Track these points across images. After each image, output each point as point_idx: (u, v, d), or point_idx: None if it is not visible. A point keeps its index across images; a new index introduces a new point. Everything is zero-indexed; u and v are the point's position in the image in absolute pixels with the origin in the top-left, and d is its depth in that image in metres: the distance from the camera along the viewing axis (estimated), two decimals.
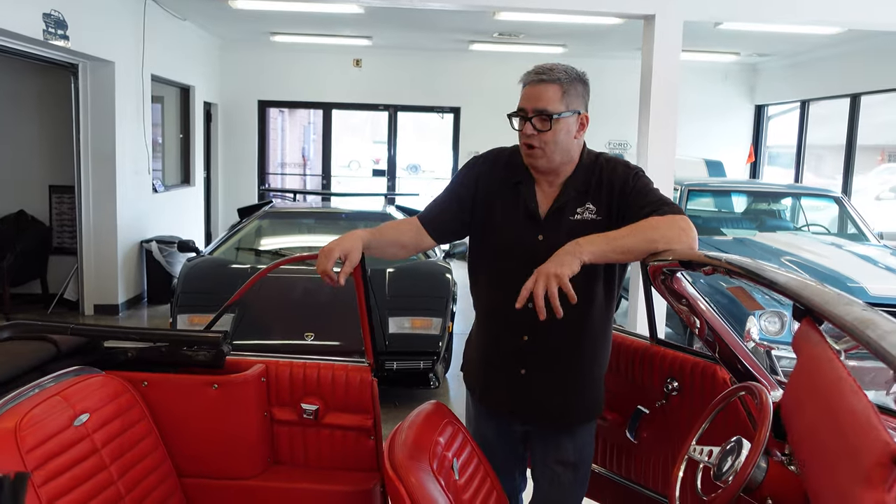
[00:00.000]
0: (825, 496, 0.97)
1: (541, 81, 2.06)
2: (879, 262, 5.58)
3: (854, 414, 0.92)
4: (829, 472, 0.95)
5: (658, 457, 2.59)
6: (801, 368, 1.30)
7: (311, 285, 5.13)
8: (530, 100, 2.07)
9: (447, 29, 9.23)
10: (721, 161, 8.99)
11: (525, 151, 2.11)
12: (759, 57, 10.79)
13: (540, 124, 2.05)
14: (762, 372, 2.14)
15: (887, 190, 13.60)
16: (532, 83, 2.07)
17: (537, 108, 2.05)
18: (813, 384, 1.17)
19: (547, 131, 2.05)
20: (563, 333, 2.15)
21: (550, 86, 2.05)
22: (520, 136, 2.11)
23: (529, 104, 2.07)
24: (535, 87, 2.06)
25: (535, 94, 2.05)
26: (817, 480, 1.05)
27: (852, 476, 0.83)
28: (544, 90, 2.05)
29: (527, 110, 2.07)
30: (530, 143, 2.08)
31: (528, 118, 2.06)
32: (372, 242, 2.13)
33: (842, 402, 0.97)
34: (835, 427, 0.98)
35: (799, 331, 1.37)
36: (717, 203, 7.42)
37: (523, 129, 2.08)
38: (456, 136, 11.49)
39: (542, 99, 2.04)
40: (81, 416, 1.90)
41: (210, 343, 2.21)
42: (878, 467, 0.80)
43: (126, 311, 7.52)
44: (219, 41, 10.72)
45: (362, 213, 7.10)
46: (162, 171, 8.82)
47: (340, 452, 2.32)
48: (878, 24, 5.43)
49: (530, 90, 2.08)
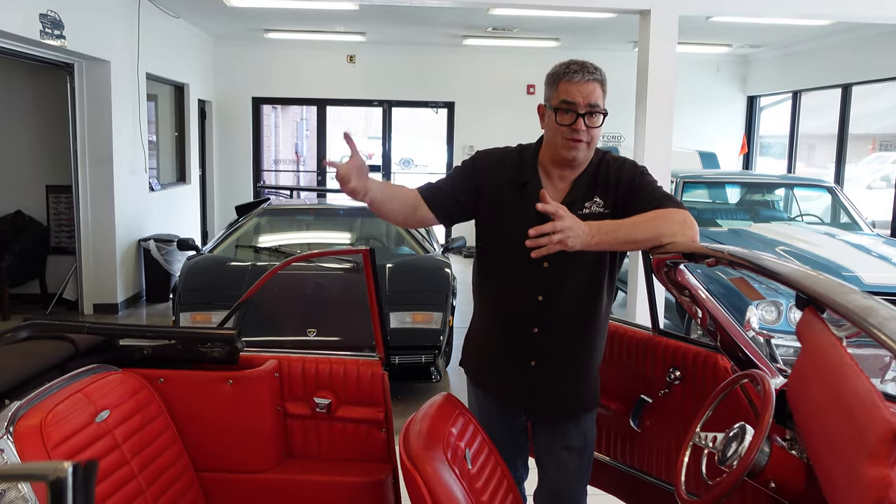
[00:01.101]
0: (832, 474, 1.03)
1: (593, 79, 2.10)
2: (873, 250, 5.66)
3: (858, 396, 0.97)
4: (836, 451, 1.01)
5: (661, 445, 2.65)
6: (806, 355, 1.36)
7: (314, 282, 5.18)
8: (584, 95, 2.09)
9: (441, 24, 9.26)
10: (715, 153, 9.05)
11: (569, 144, 2.13)
12: (751, 48, 10.85)
13: (591, 120, 2.10)
14: (763, 360, 2.20)
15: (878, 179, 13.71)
16: (583, 80, 2.10)
17: (591, 103, 2.10)
18: (818, 369, 1.23)
19: (597, 127, 2.12)
20: (573, 324, 2.22)
21: (598, 85, 2.11)
22: (564, 130, 2.12)
23: (583, 99, 2.09)
24: (587, 84, 2.10)
25: (588, 91, 2.09)
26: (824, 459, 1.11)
27: (857, 453, 0.89)
28: (595, 88, 2.10)
29: (578, 105, 2.10)
30: (578, 138, 2.11)
31: (581, 114, 2.10)
32: (377, 188, 2.13)
33: (846, 384, 1.03)
34: (840, 409, 1.03)
35: (802, 319, 1.43)
36: (711, 195, 7.49)
37: (574, 125, 2.10)
38: (450, 131, 11.53)
39: (594, 95, 2.10)
40: (102, 413, 1.95)
41: (224, 340, 2.25)
42: (881, 444, 0.86)
43: (125, 309, 7.55)
44: (212, 39, 10.73)
45: (360, 209, 7.14)
46: (157, 169, 8.83)
47: (353, 445, 2.38)
48: (865, 16, 5.51)
49: (581, 87, 2.10)
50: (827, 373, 1.16)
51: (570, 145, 2.13)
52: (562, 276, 2.19)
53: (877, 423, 0.88)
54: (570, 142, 2.12)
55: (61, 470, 0.74)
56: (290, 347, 2.52)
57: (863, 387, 0.98)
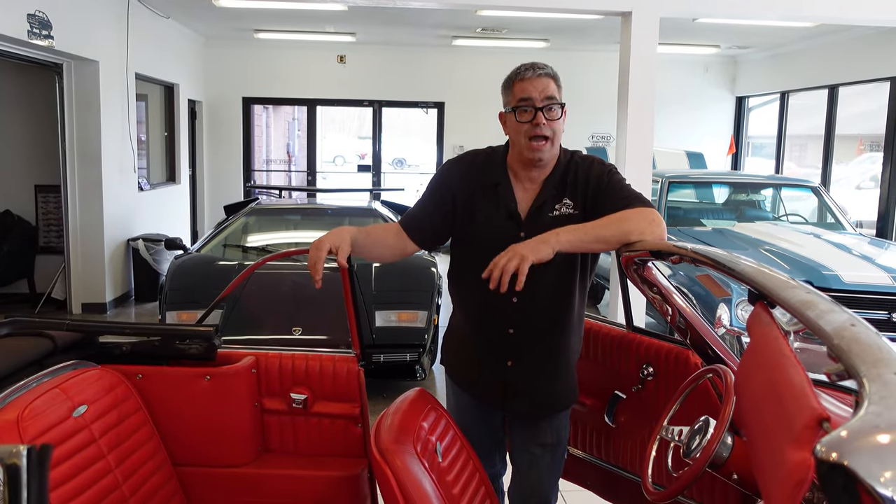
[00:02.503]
0: (762, 459, 1.07)
1: (545, 74, 2.15)
2: (854, 250, 5.72)
3: (791, 385, 1.01)
4: (768, 438, 1.05)
5: (635, 439, 2.69)
6: (751, 347, 1.40)
7: (299, 280, 5.21)
8: (538, 90, 2.13)
9: (430, 24, 9.30)
10: (702, 153, 9.11)
11: (532, 145, 2.16)
12: (739, 49, 10.92)
13: (549, 114, 2.14)
14: (730, 355, 2.25)
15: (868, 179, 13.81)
16: (536, 76, 2.14)
17: (547, 96, 2.13)
18: (759, 361, 1.27)
19: (557, 119, 2.15)
20: (547, 325, 2.26)
21: (549, 79, 2.15)
22: (526, 128, 2.15)
23: (538, 94, 2.13)
24: (540, 80, 2.14)
25: (542, 85, 2.13)
26: (758, 446, 1.15)
27: (784, 438, 0.93)
28: (548, 82, 2.14)
29: (535, 100, 2.13)
30: (542, 134, 2.14)
31: (538, 108, 2.13)
32: (359, 239, 2.20)
33: (782, 375, 1.07)
34: (774, 398, 1.07)
35: (752, 313, 1.47)
36: (697, 194, 7.54)
37: (535, 120, 2.13)
38: (440, 131, 11.57)
39: (549, 89, 2.14)
40: (80, 408, 1.98)
41: (202, 336, 2.29)
42: (805, 429, 0.90)
43: (114, 309, 7.56)
44: (202, 39, 10.74)
45: (348, 209, 7.18)
46: (147, 169, 8.85)
47: (329, 440, 2.41)
48: (849, 18, 5.57)
49: (535, 82, 2.14)
50: (767, 364, 1.20)
51: (532, 147, 2.16)
52: (534, 277, 2.23)
53: (803, 411, 0.92)
54: (533, 143, 2.15)
55: (16, 454, 0.77)
56: (275, 346, 2.56)
57: (797, 377, 1.02)
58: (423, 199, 2.38)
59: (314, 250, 2.11)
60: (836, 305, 1.15)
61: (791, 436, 0.91)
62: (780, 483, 0.90)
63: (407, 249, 2.35)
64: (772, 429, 1.04)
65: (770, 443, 1.03)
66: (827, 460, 0.73)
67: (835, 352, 0.95)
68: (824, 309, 1.10)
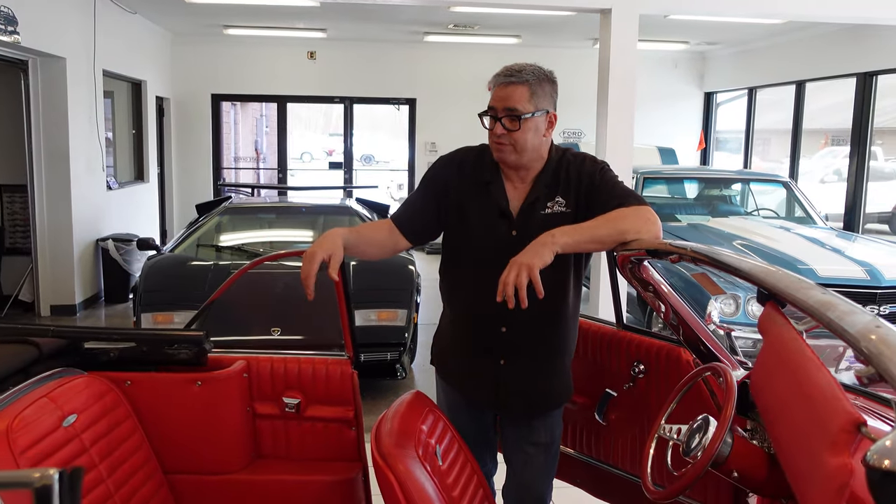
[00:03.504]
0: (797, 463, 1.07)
1: (510, 83, 2.13)
2: (826, 243, 5.81)
3: (820, 388, 1.02)
4: (799, 442, 1.05)
5: (626, 437, 2.70)
6: (768, 348, 1.40)
7: (277, 281, 5.15)
8: (500, 100, 2.14)
9: (402, 20, 9.26)
10: (674, 148, 9.19)
11: (495, 146, 2.19)
12: (708, 45, 11.03)
13: (509, 124, 2.13)
14: (724, 352, 2.26)
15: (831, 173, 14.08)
16: (502, 84, 2.15)
17: (507, 107, 2.13)
18: (781, 363, 1.27)
19: (516, 131, 2.13)
20: (540, 322, 2.25)
21: (519, 87, 2.13)
22: (490, 134, 2.19)
23: (499, 104, 2.14)
24: (505, 88, 2.14)
25: (505, 95, 2.13)
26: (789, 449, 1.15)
27: (820, 443, 0.93)
28: (513, 91, 2.13)
29: (497, 110, 2.15)
30: (500, 142, 2.16)
31: (499, 118, 2.13)
32: (351, 240, 2.18)
33: (808, 377, 1.07)
34: (803, 401, 1.07)
35: (764, 314, 1.47)
36: (670, 190, 7.61)
37: (493, 129, 2.16)
38: (412, 128, 11.52)
39: (511, 99, 2.12)
40: (69, 417, 1.93)
41: (192, 341, 2.24)
42: (843, 434, 0.90)
43: (83, 310, 7.42)
44: (171, 35, 10.57)
45: (324, 207, 7.13)
46: (114, 167, 8.69)
47: (322, 444, 2.38)
48: (816, 15, 5.66)
49: (500, 91, 2.15)
50: (790, 366, 1.20)
51: (496, 147, 2.18)
52: None
53: (838, 415, 0.92)
54: (495, 144, 2.18)
55: (47, 477, 0.74)
56: (253, 347, 2.52)
57: (824, 379, 1.03)
58: (414, 196, 2.37)
59: (306, 262, 2.08)
60: (855, 305, 1.15)
61: (827, 440, 0.91)
62: (820, 488, 0.90)
63: (399, 246, 2.34)
64: (803, 432, 1.04)
65: (803, 447, 1.02)
66: (879, 468, 0.72)
67: (864, 355, 0.95)
68: (845, 310, 1.10)
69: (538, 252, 1.96)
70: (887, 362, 0.91)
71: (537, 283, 1.91)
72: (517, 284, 1.91)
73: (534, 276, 1.91)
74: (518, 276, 1.91)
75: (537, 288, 1.91)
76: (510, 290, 1.91)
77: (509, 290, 1.91)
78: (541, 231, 2.05)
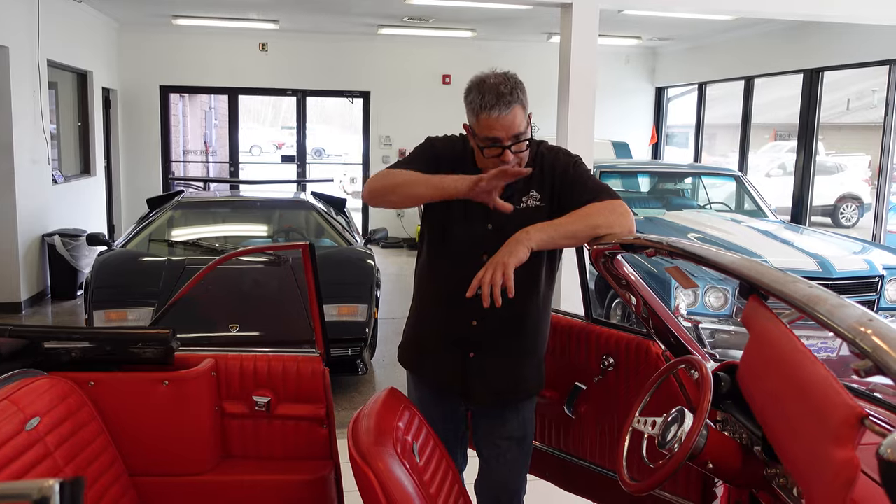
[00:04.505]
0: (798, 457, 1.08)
1: (510, 109, 2.06)
2: (777, 235, 5.95)
3: (817, 382, 1.02)
4: (799, 436, 1.06)
5: (595, 430, 2.72)
6: (756, 342, 1.42)
7: (234, 277, 5.05)
8: (504, 129, 2.08)
9: (356, 13, 9.17)
10: (627, 142, 9.30)
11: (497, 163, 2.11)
12: (659, 41, 11.18)
13: (517, 148, 2.11)
14: (695, 344, 2.29)
15: (776, 167, 14.45)
16: (501, 114, 2.06)
17: (515, 134, 2.09)
18: (771, 357, 1.29)
19: (523, 151, 2.13)
20: (511, 316, 2.24)
21: (517, 107, 2.08)
22: (491, 161, 2.12)
23: (505, 133, 2.08)
24: (507, 116, 2.06)
25: (509, 122, 2.07)
26: (787, 444, 1.16)
27: (822, 437, 0.94)
28: (515, 116, 2.08)
29: (502, 139, 2.09)
30: (508, 163, 2.10)
31: (506, 146, 2.09)
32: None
33: (803, 371, 1.08)
34: (799, 395, 1.08)
35: (748, 307, 1.49)
36: (625, 184, 7.69)
37: (503, 157, 2.09)
38: (366, 121, 11.43)
39: (514, 125, 2.08)
40: (32, 420, 1.86)
41: (158, 340, 2.18)
42: (845, 427, 0.91)
43: (29, 308, 7.19)
44: (117, 24, 10.29)
45: (279, 201, 7.02)
46: (59, 160, 8.43)
47: (293, 442, 2.34)
48: (765, 12, 5.77)
49: (503, 120, 2.07)
50: (781, 360, 1.21)
51: (498, 164, 2.12)
52: None
53: (840, 409, 0.93)
54: (500, 163, 2.12)
55: (47, 488, 0.70)
56: (211, 344, 2.47)
57: (820, 373, 1.04)
58: (411, 162, 2.25)
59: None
60: (843, 298, 1.16)
61: (829, 434, 0.92)
62: (826, 482, 0.91)
63: None
64: (802, 426, 1.05)
65: (803, 441, 1.03)
66: (893, 461, 0.73)
67: (860, 350, 0.96)
68: (835, 304, 1.11)
69: (513, 250, 1.97)
70: (885, 356, 0.92)
71: (508, 282, 1.92)
72: (492, 283, 1.92)
73: (507, 274, 1.92)
74: (494, 274, 1.93)
75: (508, 288, 1.92)
76: (486, 289, 1.93)
77: (485, 290, 1.93)
78: (517, 225, 2.05)
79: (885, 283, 5.13)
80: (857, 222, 13.93)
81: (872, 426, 0.89)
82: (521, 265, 2.09)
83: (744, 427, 1.80)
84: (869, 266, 5.15)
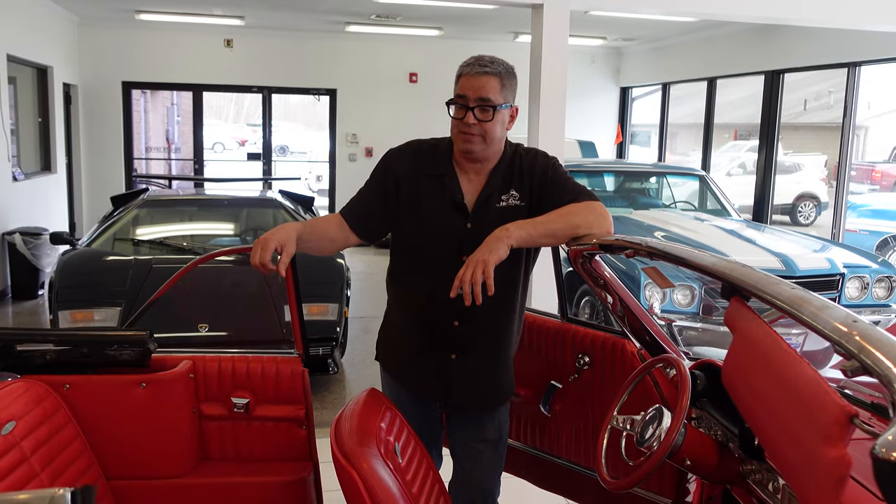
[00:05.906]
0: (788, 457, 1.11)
1: (484, 73, 2.10)
2: (741, 234, 6.06)
3: (805, 382, 1.05)
4: (789, 436, 1.09)
5: (570, 428, 2.75)
6: (740, 343, 1.44)
7: (203, 277, 5.00)
8: (473, 89, 2.10)
9: (323, 10, 9.11)
10: (593, 142, 9.38)
11: (462, 137, 2.14)
12: (624, 42, 11.30)
13: (481, 114, 2.10)
14: (670, 343, 2.33)
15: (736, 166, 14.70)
16: (475, 73, 2.10)
17: (480, 96, 2.10)
18: (756, 357, 1.32)
19: (488, 121, 2.11)
20: (492, 316, 2.25)
21: (492, 78, 2.10)
22: (457, 123, 2.14)
23: (472, 93, 2.10)
24: (479, 78, 2.10)
25: (479, 84, 2.09)
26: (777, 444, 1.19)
27: (813, 436, 0.97)
28: (487, 81, 2.09)
29: (468, 98, 2.10)
30: (469, 131, 2.12)
31: (470, 107, 2.10)
32: (304, 234, 2.14)
33: (790, 372, 1.11)
34: (788, 395, 1.11)
35: (731, 308, 1.52)
36: (591, 183, 7.75)
37: (464, 118, 2.11)
38: (332, 119, 11.37)
39: (485, 89, 2.09)
40: (7, 425, 1.83)
41: (134, 342, 2.15)
42: (836, 426, 0.94)
43: None
44: (77, 18, 10.09)
45: (246, 199, 6.96)
46: (18, 157, 8.24)
47: (272, 444, 2.33)
48: (728, 14, 5.88)
49: (472, 79, 2.10)
50: (767, 361, 1.24)
51: (463, 138, 2.15)
52: None
53: (829, 408, 0.96)
54: (463, 135, 2.14)
55: (59, 497, 0.70)
56: (180, 345, 2.44)
57: (808, 373, 1.07)
58: (365, 189, 2.32)
59: (258, 248, 2.03)
60: (825, 300, 1.20)
61: (819, 433, 0.94)
62: (818, 481, 0.94)
63: (350, 241, 2.30)
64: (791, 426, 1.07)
65: (793, 441, 1.06)
66: (889, 460, 0.76)
67: (846, 351, 0.99)
68: (819, 305, 1.14)
69: (493, 248, 1.98)
70: (871, 357, 0.95)
71: (489, 280, 1.93)
72: (473, 281, 1.92)
73: (488, 272, 1.94)
74: (474, 272, 1.93)
75: (489, 285, 1.94)
76: (467, 287, 1.93)
77: (466, 288, 1.94)
78: (496, 224, 2.06)
79: (846, 280, 5.26)
80: (814, 220, 14.23)
81: (861, 425, 0.93)
82: (503, 264, 2.12)
83: (719, 424, 1.84)
84: (830, 264, 5.27)
